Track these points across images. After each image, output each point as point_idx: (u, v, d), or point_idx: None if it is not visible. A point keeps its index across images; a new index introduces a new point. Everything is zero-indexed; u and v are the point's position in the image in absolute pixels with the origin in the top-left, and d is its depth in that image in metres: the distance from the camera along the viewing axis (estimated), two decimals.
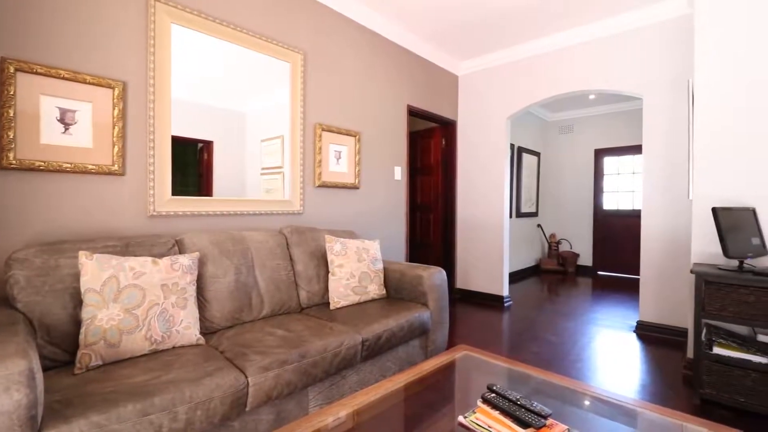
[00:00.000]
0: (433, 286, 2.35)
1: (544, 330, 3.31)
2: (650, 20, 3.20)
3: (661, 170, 3.17)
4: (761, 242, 2.15)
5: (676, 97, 3.10)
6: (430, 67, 4.08)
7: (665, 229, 3.14)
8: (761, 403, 1.86)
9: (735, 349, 1.95)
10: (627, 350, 2.87)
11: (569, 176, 6.47)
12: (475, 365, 1.69)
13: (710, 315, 2.00)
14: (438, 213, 4.46)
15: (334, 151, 3.00)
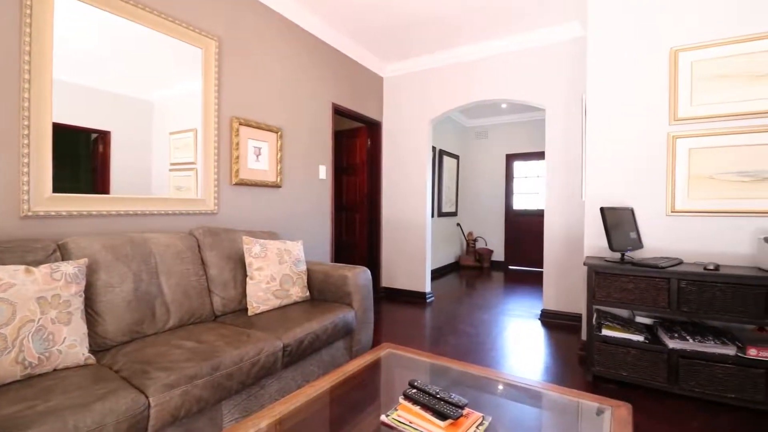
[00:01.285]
0: (358, 286, 2.34)
1: (463, 323, 3.51)
2: (552, 39, 3.57)
3: (559, 174, 3.55)
4: (638, 237, 2.51)
5: (572, 109, 3.49)
6: (356, 67, 4.07)
7: (563, 226, 3.52)
8: (639, 376, 2.17)
9: (618, 330, 2.25)
10: (533, 337, 3.16)
11: (484, 178, 6.95)
12: (399, 362, 1.71)
13: (599, 301, 2.28)
14: (363, 213, 4.47)
15: (253, 147, 2.83)
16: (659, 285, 2.12)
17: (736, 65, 2.37)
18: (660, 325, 2.30)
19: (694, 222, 2.45)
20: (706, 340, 2.06)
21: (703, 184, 2.44)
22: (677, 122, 2.49)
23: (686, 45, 2.48)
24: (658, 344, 2.14)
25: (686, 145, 2.48)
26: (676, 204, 2.49)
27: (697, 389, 2.03)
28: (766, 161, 2.29)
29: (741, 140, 2.35)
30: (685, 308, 2.07)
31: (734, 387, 1.97)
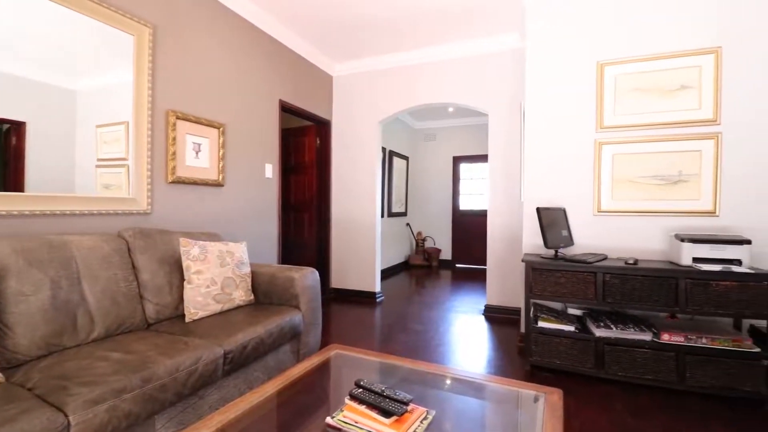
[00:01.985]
0: (305, 287, 2.29)
1: (412, 320, 3.57)
2: (495, 48, 3.74)
3: (501, 177, 3.74)
4: (569, 235, 2.71)
5: (513, 115, 3.69)
6: (305, 64, 3.99)
7: (505, 226, 3.71)
8: (571, 363, 2.34)
9: (553, 321, 2.41)
10: (477, 331, 3.29)
11: (433, 179, 7.14)
12: (347, 363, 1.70)
13: (536, 295, 2.43)
14: (312, 213, 4.40)
15: (192, 143, 2.67)
16: (587, 279, 2.30)
17: (650, 80, 2.64)
18: (588, 316, 2.50)
19: (617, 220, 2.70)
20: (627, 327, 2.28)
21: (624, 186, 2.69)
22: (603, 130, 2.73)
23: (610, 60, 2.72)
24: (586, 333, 2.33)
25: (610, 150, 2.72)
26: (601, 204, 2.73)
27: (620, 373, 2.24)
28: (675, 167, 2.58)
29: (655, 148, 2.62)
30: (610, 299, 2.26)
31: (651, 369, 2.19)
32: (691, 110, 2.55)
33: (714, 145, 2.49)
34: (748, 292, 2.05)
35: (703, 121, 2.52)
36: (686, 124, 2.55)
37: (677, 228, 2.54)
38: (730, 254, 2.14)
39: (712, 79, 2.50)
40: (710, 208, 2.50)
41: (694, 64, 2.55)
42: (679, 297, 2.14)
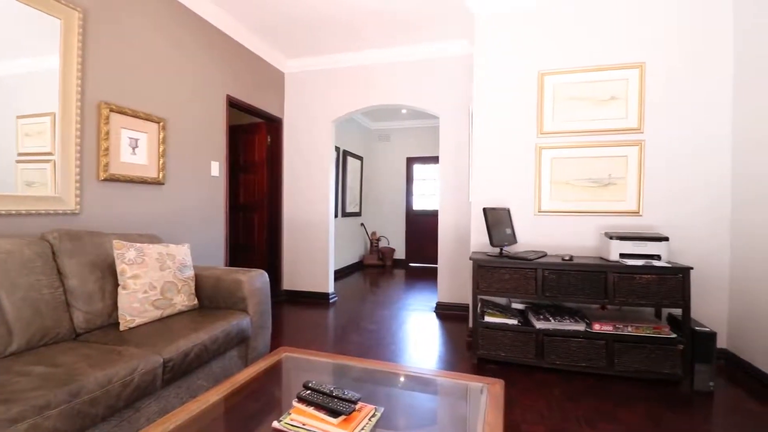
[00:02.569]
0: (254, 290, 2.22)
1: (365, 320, 3.58)
2: (446, 53, 3.85)
3: (451, 178, 3.86)
4: (513, 233, 2.86)
5: (462, 119, 3.82)
6: (254, 59, 3.86)
7: (455, 225, 3.84)
8: (515, 355, 2.48)
9: (498, 316, 2.53)
10: (428, 328, 3.37)
11: (387, 180, 7.21)
12: (297, 365, 1.67)
13: (482, 291, 2.53)
14: (263, 213, 4.27)
15: (128, 138, 2.49)
16: (529, 275, 2.44)
17: (584, 90, 2.85)
18: (530, 309, 2.65)
19: (556, 220, 2.89)
20: (564, 319, 2.45)
21: (562, 188, 2.89)
22: (543, 135, 2.91)
23: (550, 70, 2.91)
24: (528, 326, 2.47)
25: (549, 155, 2.91)
26: (542, 205, 2.91)
27: (558, 362, 2.40)
28: (606, 171, 2.80)
29: (589, 153, 2.84)
30: (548, 293, 2.42)
31: (584, 357, 2.37)
32: (619, 119, 2.80)
33: (638, 151, 2.75)
34: (666, 284, 2.28)
35: (629, 129, 2.77)
36: (615, 132, 2.79)
37: (607, 226, 2.77)
38: (651, 250, 2.37)
39: (637, 92, 2.76)
40: (635, 208, 2.75)
41: (622, 77, 2.80)
42: (608, 289, 2.34)
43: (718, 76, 2.63)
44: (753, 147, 2.43)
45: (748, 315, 2.43)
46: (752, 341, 2.40)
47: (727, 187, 2.61)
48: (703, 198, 2.64)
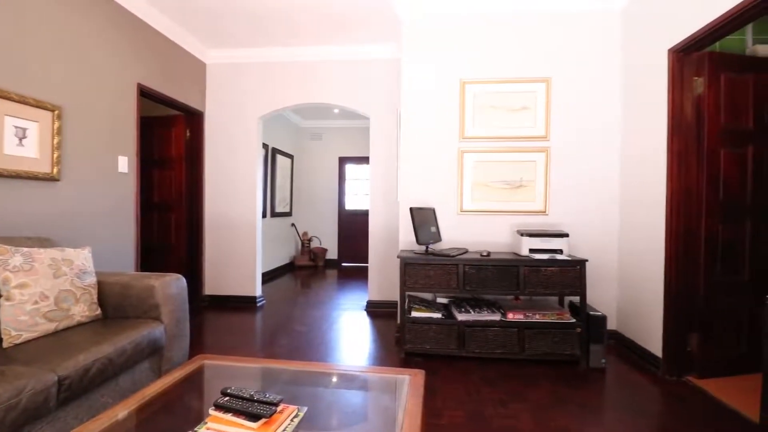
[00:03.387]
0: (168, 296, 2.07)
1: (295, 322, 3.51)
2: (376, 55, 3.92)
3: (381, 178, 3.95)
4: (438, 232, 3.01)
5: (391, 121, 3.92)
6: (171, 47, 3.58)
7: (385, 225, 3.93)
8: (439, 347, 2.61)
9: (424, 310, 2.65)
10: (359, 327, 3.42)
11: (319, 179, 7.12)
12: (218, 373, 1.60)
13: (409, 288, 2.63)
14: (182, 212, 3.97)
15: (13, 128, 2.16)
16: (451, 270, 2.59)
17: (500, 99, 3.10)
18: (453, 303, 2.81)
19: (476, 219, 3.10)
20: (482, 311, 2.64)
21: (481, 189, 3.11)
22: (464, 140, 3.10)
23: (470, 79, 3.11)
24: (451, 319, 2.62)
25: (470, 158, 3.11)
26: (463, 205, 3.10)
27: (477, 350, 2.58)
28: (518, 174, 3.07)
29: (504, 157, 3.09)
30: (468, 287, 2.59)
31: (500, 344, 2.57)
32: (529, 127, 3.08)
33: (545, 157, 3.06)
34: (566, 275, 2.57)
35: (538, 137, 3.07)
36: (526, 139, 3.07)
37: (520, 224, 3.04)
38: (554, 245, 2.65)
39: (544, 103, 3.07)
40: (542, 208, 3.06)
41: (532, 90, 3.09)
42: (520, 282, 2.57)
43: (610, 97, 3.02)
44: (635, 159, 2.84)
45: (632, 300, 2.84)
46: (634, 323, 2.80)
47: (616, 191, 3.02)
48: (596, 200, 3.03)
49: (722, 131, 2.34)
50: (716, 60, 2.36)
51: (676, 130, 2.40)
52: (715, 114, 2.34)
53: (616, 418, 1.95)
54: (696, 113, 2.37)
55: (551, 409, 2.00)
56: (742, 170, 2.38)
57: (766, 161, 2.40)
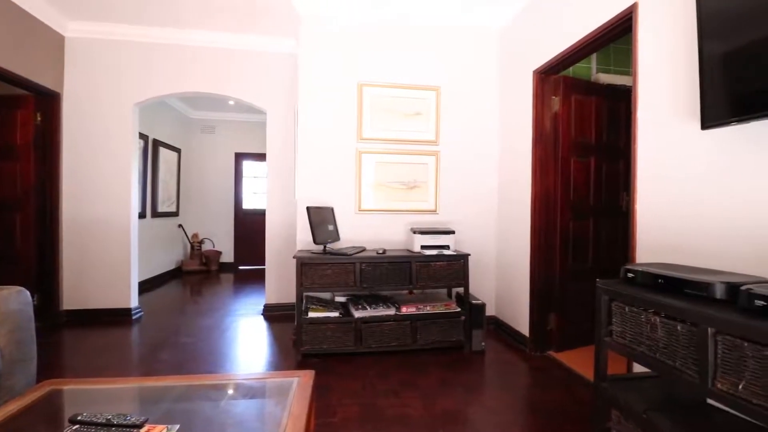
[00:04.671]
0: (6, 313, 1.69)
1: (181, 333, 3.18)
2: (275, 48, 3.75)
3: (279, 176, 3.81)
4: (336, 231, 3.02)
5: (289, 117, 3.80)
6: (13, 10, 2.93)
7: (283, 225, 3.80)
8: (336, 345, 2.62)
9: (321, 310, 2.63)
10: (255, 332, 3.25)
11: (212, 176, 6.57)
12: (71, 399, 1.37)
13: (306, 288, 2.59)
14: (29, 212, 3.30)
15: None
16: (349, 268, 2.63)
17: (396, 104, 3.24)
18: (350, 301, 2.85)
19: (374, 217, 3.19)
20: (378, 306, 2.73)
21: (379, 189, 3.21)
22: (362, 140, 3.17)
23: (368, 82, 3.19)
24: (348, 316, 2.65)
25: (368, 158, 3.18)
26: (362, 204, 3.17)
27: (374, 345, 2.66)
28: (412, 175, 3.25)
29: (400, 159, 3.23)
30: (365, 284, 2.66)
31: (395, 337, 2.69)
32: (422, 132, 3.28)
33: (435, 160, 3.29)
34: (452, 268, 2.80)
35: (429, 141, 3.28)
36: (419, 143, 3.26)
37: (413, 223, 3.22)
38: (442, 241, 2.87)
39: (435, 110, 3.29)
40: (433, 207, 3.28)
41: (424, 97, 3.29)
42: (412, 277, 2.72)
43: (490, 106, 3.38)
44: (509, 164, 3.22)
45: (506, 288, 3.22)
46: (508, 308, 3.18)
47: (494, 191, 3.39)
48: (478, 199, 3.36)
49: (572, 143, 2.80)
50: (569, 83, 2.81)
51: (538, 140, 2.79)
52: (567, 128, 2.78)
53: (491, 394, 2.19)
54: (553, 126, 2.79)
55: (439, 393, 2.16)
56: (586, 176, 2.87)
57: (603, 170, 2.94)
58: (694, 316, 1.11)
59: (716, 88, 1.38)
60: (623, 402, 1.40)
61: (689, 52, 1.58)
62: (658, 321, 1.24)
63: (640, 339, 1.32)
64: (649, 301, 1.26)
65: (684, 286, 1.22)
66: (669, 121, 1.72)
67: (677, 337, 1.17)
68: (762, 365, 0.96)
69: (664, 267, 1.38)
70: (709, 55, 1.40)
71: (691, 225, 1.61)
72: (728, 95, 1.35)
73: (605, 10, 2.12)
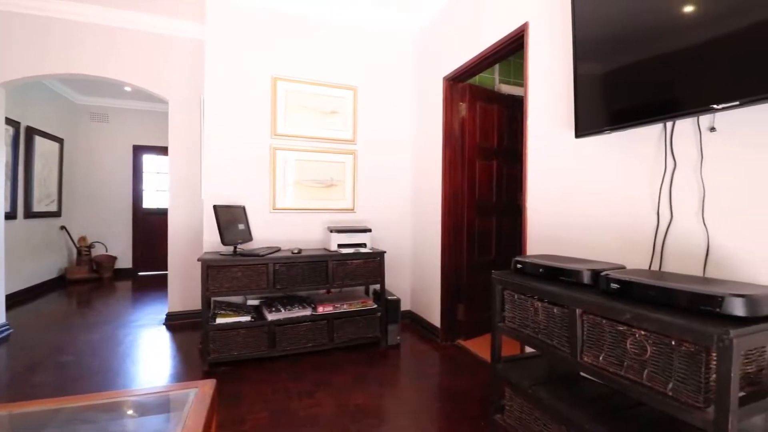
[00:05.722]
0: None
1: (62, 352, 2.76)
2: (178, 32, 3.42)
3: (184, 171, 3.51)
4: (248, 231, 2.88)
5: (194, 108, 3.52)
6: None
7: (188, 225, 3.51)
8: (248, 351, 2.49)
9: (230, 315, 2.48)
10: (156, 344, 2.95)
11: (105, 171, 5.81)
12: None
13: (213, 293, 2.43)
14: None
15: None
16: (261, 270, 2.52)
17: (313, 101, 3.18)
18: (264, 304, 2.74)
19: (289, 216, 3.10)
20: (293, 307, 2.66)
21: (295, 187, 3.13)
22: (276, 137, 3.06)
23: (282, 76, 3.08)
24: (261, 320, 2.55)
25: (283, 156, 3.09)
26: (276, 202, 3.06)
27: (288, 348, 2.59)
28: (329, 174, 3.23)
29: (316, 157, 3.19)
30: (279, 285, 2.57)
31: (311, 338, 2.65)
32: (339, 131, 3.27)
33: (353, 159, 3.31)
34: (369, 265, 2.84)
35: (347, 140, 3.29)
36: (336, 141, 3.25)
37: (331, 221, 3.20)
38: (359, 240, 2.90)
39: (352, 110, 3.31)
40: (351, 206, 3.30)
41: (342, 95, 3.29)
42: (329, 275, 2.71)
43: (406, 108, 3.50)
44: (423, 164, 3.37)
45: (421, 283, 3.36)
46: (423, 301, 3.33)
47: (409, 190, 3.52)
48: (395, 198, 3.46)
49: (477, 147, 3.03)
50: (474, 91, 3.03)
51: (448, 143, 2.97)
52: (473, 133, 3.00)
53: (403, 385, 2.27)
54: (461, 130, 2.98)
55: (352, 389, 2.18)
56: (489, 177, 3.12)
57: (505, 172, 3.22)
58: (566, 300, 1.27)
59: (587, 103, 1.60)
60: (514, 380, 1.55)
61: (568, 71, 1.81)
62: (540, 306, 1.40)
63: (526, 323, 1.47)
64: (533, 288, 1.42)
65: (559, 274, 1.39)
66: (552, 130, 1.96)
67: (554, 319, 1.34)
68: (616, 338, 1.13)
69: (546, 258, 1.56)
70: (582, 75, 1.61)
71: (569, 220, 1.84)
72: (597, 110, 1.57)
73: (504, 26, 2.33)
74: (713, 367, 0.90)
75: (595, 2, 1.54)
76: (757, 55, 1.05)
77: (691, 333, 0.93)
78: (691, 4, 1.21)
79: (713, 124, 1.27)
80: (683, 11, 1.23)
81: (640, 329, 1.05)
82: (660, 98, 1.31)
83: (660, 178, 1.43)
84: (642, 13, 1.35)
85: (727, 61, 1.12)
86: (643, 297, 1.10)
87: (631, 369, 1.08)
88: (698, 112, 1.21)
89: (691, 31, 1.21)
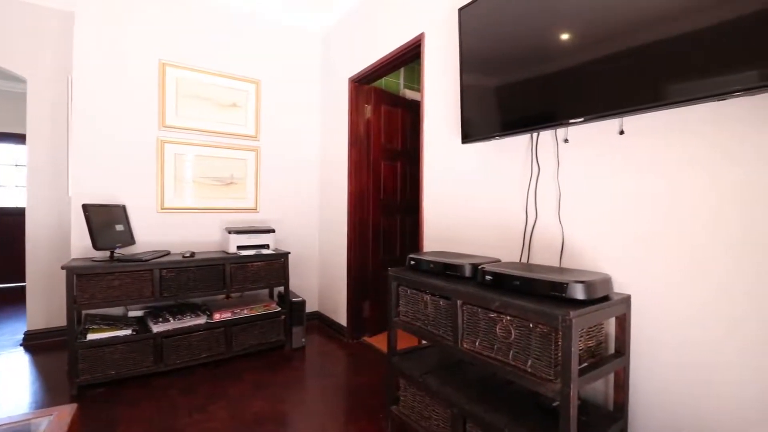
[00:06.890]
0: None
1: None
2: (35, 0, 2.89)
3: (47, 164, 2.98)
4: (129, 233, 2.56)
5: (62, 89, 3.01)
6: None
7: (54, 227, 2.99)
8: (129, 368, 2.21)
9: (106, 330, 2.18)
10: (12, 368, 2.45)
11: None
12: None
13: (83, 305, 2.10)
14: None
15: None
16: (144, 277, 2.26)
17: (208, 92, 2.95)
18: (150, 314, 2.46)
19: (181, 217, 2.84)
20: (185, 316, 2.44)
21: (187, 185, 2.87)
22: (165, 128, 2.77)
23: (173, 62, 2.80)
24: (145, 333, 2.28)
25: (173, 150, 2.81)
26: (165, 201, 2.77)
27: (179, 360, 2.36)
28: (229, 171, 3.03)
29: (213, 153, 2.97)
30: (167, 293, 2.34)
31: (205, 348, 2.46)
32: (240, 125, 3.09)
33: (255, 156, 3.15)
34: (273, 268, 2.74)
35: (248, 136, 3.12)
36: (236, 137, 3.06)
37: (231, 222, 3.01)
38: (261, 241, 2.78)
39: (254, 104, 3.15)
40: (253, 205, 3.14)
41: (243, 88, 3.10)
42: (226, 280, 2.54)
43: (313, 107, 3.44)
44: (329, 164, 3.35)
45: (327, 283, 3.35)
46: (330, 301, 3.32)
47: (316, 190, 3.48)
48: (301, 197, 3.39)
49: (382, 148, 3.12)
50: (379, 94, 3.11)
51: (353, 143, 3.00)
52: (378, 134, 3.08)
53: (308, 386, 2.24)
54: (366, 132, 3.04)
55: (251, 398, 2.08)
56: (394, 178, 3.24)
57: (407, 173, 3.37)
58: (449, 292, 1.38)
59: (471, 113, 1.75)
60: (407, 371, 1.64)
61: (457, 82, 1.96)
62: (429, 299, 1.49)
63: (417, 315, 1.56)
64: (424, 283, 1.51)
65: (446, 269, 1.50)
66: (442, 135, 2.10)
67: (441, 311, 1.44)
68: (488, 325, 1.26)
69: (437, 255, 1.67)
70: (467, 87, 1.76)
71: (458, 220, 2.00)
72: (479, 119, 1.73)
73: (404, 34, 2.43)
74: (560, 344, 1.06)
75: (476, 23, 1.69)
76: (592, 82, 1.26)
77: (543, 316, 1.08)
78: (547, 41, 1.40)
79: (567, 136, 1.49)
80: (541, 45, 1.42)
81: (506, 315, 1.19)
82: (528, 113, 1.49)
83: (528, 182, 1.63)
84: (511, 41, 1.53)
85: (572, 86, 1.32)
86: (510, 287, 1.25)
87: (500, 351, 1.21)
88: (555, 125, 1.41)
89: (547, 62, 1.40)
